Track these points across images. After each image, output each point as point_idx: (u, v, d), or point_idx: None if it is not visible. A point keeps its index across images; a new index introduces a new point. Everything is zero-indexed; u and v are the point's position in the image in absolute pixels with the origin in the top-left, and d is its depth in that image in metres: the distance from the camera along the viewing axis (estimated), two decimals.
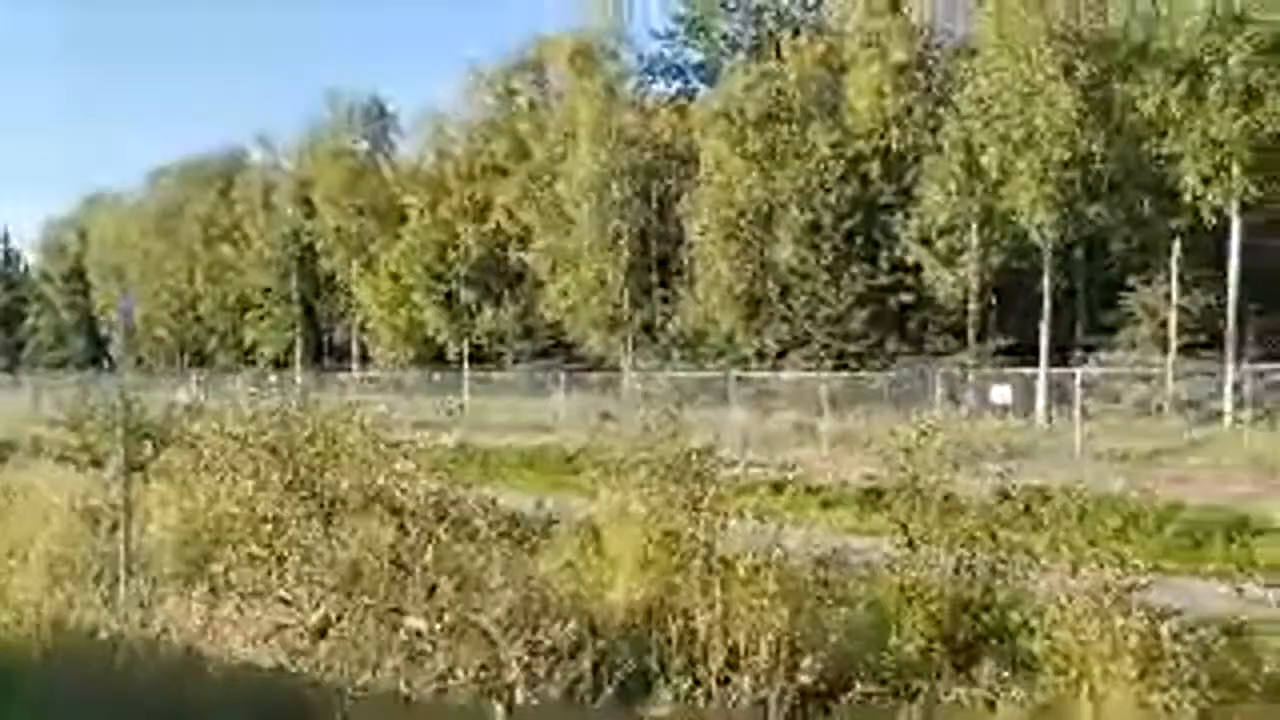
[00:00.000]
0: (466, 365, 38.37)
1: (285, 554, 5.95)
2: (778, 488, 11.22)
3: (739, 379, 22.83)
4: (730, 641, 5.15)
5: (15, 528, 7.82)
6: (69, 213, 63.83)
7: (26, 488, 9.66)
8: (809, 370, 24.99)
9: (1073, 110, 22.54)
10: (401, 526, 6.22)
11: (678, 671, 4.85)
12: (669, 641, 5.58)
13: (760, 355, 29.28)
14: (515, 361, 37.21)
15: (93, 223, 60.11)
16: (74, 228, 62.50)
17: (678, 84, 39.13)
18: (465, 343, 39.84)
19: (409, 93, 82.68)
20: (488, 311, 39.14)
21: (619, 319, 35.07)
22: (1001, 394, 17.16)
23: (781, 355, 28.57)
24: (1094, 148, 22.74)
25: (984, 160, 24.25)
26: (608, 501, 7.73)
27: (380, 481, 6.71)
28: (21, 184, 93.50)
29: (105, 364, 53.06)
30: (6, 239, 68.20)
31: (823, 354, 26.65)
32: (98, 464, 12.55)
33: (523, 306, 38.17)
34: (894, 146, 27.59)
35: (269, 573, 5.67)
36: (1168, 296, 23.54)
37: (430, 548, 6.27)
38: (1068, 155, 22.67)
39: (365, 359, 43.36)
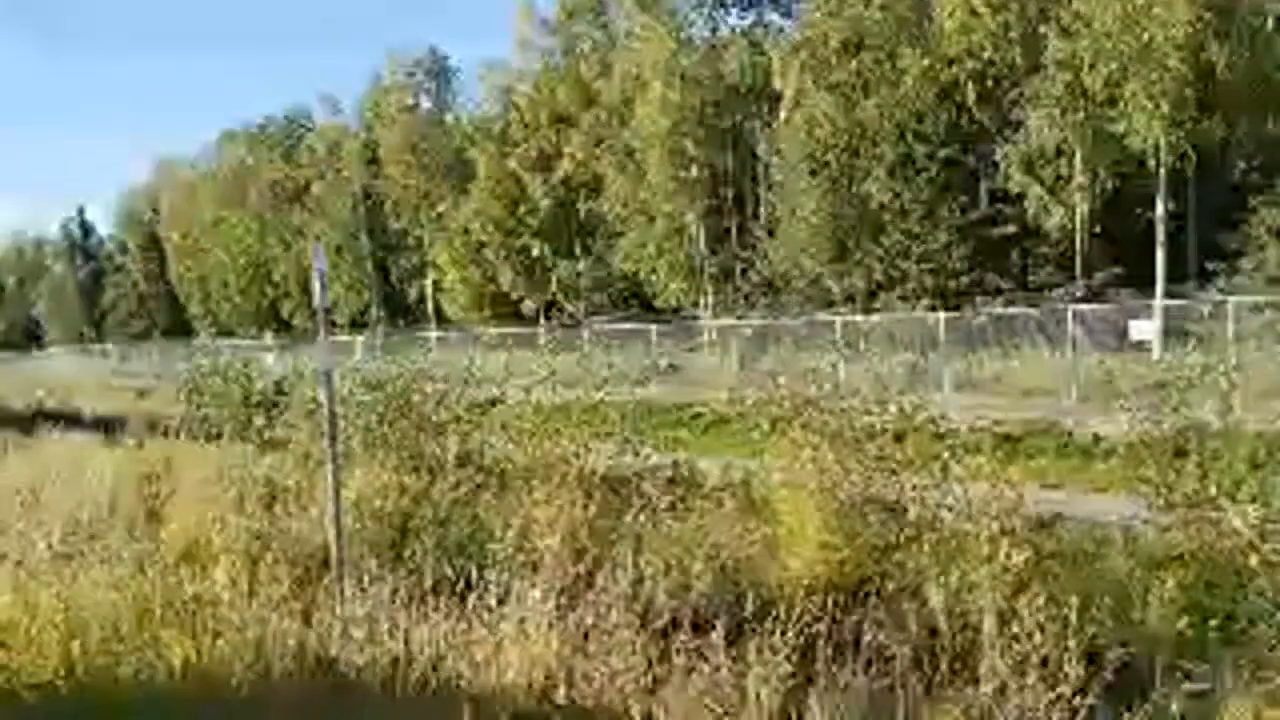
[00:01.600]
0: (542, 319, 38.07)
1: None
2: (898, 436, 10.57)
3: (845, 323, 21.91)
4: (1007, 632, 4.58)
5: (191, 522, 6.98)
6: (142, 183, 64.89)
7: (171, 463, 9.35)
8: (906, 311, 24.01)
9: (1193, 21, 20.94)
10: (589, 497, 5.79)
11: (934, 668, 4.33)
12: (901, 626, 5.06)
13: (849, 298, 28.29)
14: (590, 314, 36.72)
15: (165, 190, 60.96)
16: (147, 197, 63.47)
17: (751, 16, 37.46)
18: (539, 297, 39.46)
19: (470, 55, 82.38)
20: (561, 265, 38.64)
21: (697, 266, 34.31)
22: (1141, 329, 16.15)
23: (873, 296, 27.56)
24: (1216, 60, 21.13)
25: (1089, 80, 22.82)
26: (786, 466, 7.21)
27: (558, 451, 6.27)
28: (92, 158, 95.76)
29: (189, 331, 54.13)
30: (83, 213, 69.68)
31: (919, 293, 25.58)
32: (216, 436, 12.45)
33: (596, 258, 37.58)
34: (990, 70, 26.05)
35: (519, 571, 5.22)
36: None
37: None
38: (1187, 70, 21.10)
39: (440, 317, 43.32)
